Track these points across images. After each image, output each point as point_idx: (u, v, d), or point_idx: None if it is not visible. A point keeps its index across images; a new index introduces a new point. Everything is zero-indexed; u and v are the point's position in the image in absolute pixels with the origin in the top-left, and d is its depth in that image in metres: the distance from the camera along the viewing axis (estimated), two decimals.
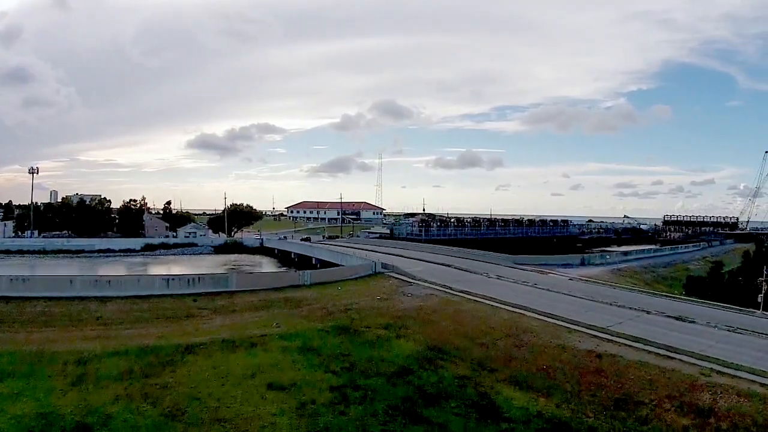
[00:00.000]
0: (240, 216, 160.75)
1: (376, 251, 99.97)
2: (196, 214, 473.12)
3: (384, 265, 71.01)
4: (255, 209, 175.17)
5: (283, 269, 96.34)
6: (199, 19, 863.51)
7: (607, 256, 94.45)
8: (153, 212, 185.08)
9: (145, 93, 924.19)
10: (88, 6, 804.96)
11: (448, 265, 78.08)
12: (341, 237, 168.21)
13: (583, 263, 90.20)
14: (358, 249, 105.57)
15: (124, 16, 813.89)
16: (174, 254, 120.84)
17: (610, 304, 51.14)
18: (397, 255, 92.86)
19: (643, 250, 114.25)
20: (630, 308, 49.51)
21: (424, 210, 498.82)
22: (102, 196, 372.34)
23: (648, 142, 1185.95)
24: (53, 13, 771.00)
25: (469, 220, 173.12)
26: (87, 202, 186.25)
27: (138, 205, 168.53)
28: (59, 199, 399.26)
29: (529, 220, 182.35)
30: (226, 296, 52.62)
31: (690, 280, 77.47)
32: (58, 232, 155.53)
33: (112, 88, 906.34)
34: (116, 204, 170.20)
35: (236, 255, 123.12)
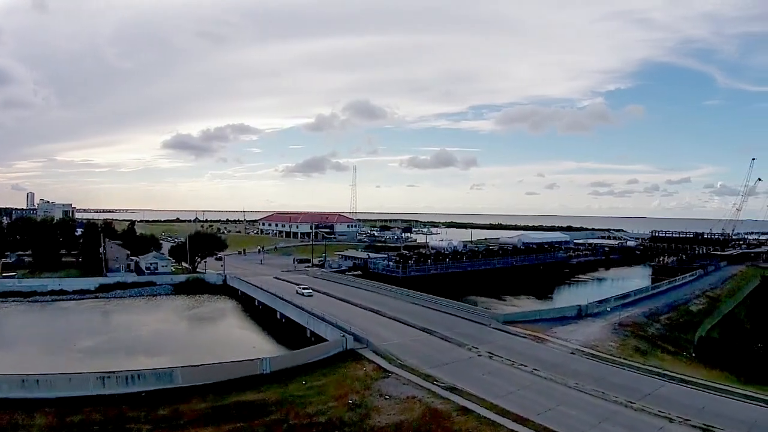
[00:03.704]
0: (204, 243, 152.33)
1: (349, 303, 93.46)
2: (168, 220, 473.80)
3: (357, 338, 64.16)
4: (221, 237, 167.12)
5: (239, 357, 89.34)
6: (174, 22, 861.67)
7: (607, 307, 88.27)
8: (118, 232, 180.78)
9: (122, 94, 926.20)
10: (65, 8, 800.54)
11: (431, 332, 71.11)
12: (311, 265, 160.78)
13: (580, 314, 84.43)
14: (329, 297, 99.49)
15: (101, 18, 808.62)
16: (131, 295, 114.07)
17: (626, 406, 44.80)
18: (372, 310, 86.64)
19: (640, 290, 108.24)
20: (649, 413, 43.37)
21: (400, 221, 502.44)
22: (72, 206, 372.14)
23: (623, 141, 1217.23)
24: (31, 15, 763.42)
25: (448, 250, 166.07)
26: (50, 221, 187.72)
27: (100, 228, 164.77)
28: (36, 203, 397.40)
29: (514, 247, 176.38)
30: (170, 403, 45.53)
31: (701, 342, 71.46)
32: (20, 253, 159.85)
33: (89, 90, 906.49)
34: (91, 205, 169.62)
35: (197, 297, 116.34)
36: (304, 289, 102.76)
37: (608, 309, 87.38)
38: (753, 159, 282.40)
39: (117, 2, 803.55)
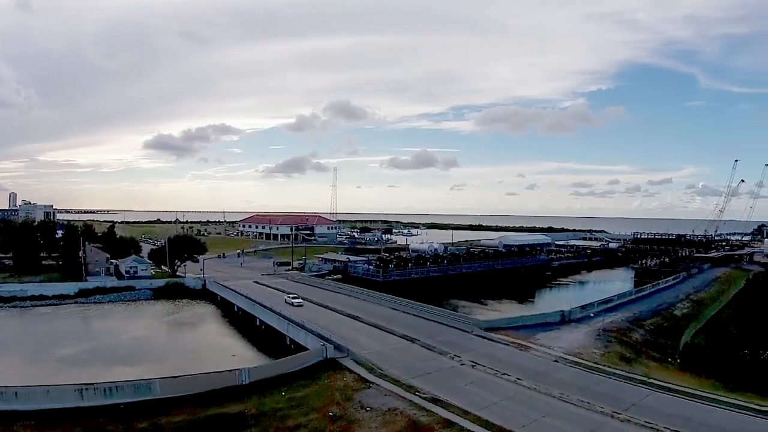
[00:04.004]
0: (183, 247, 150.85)
1: (329, 308, 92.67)
2: (149, 221, 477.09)
3: (337, 347, 63.57)
4: (200, 240, 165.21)
5: (218, 368, 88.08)
6: (157, 22, 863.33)
7: (590, 312, 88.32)
8: (98, 234, 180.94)
9: (104, 94, 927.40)
10: (49, 8, 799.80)
11: (412, 340, 70.62)
12: (291, 269, 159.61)
13: (563, 320, 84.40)
14: (309, 302, 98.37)
15: (85, 18, 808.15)
16: (110, 300, 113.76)
17: (612, 417, 44.59)
18: (352, 316, 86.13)
19: (623, 294, 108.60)
20: (636, 423, 43.35)
21: (381, 222, 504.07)
22: (52, 207, 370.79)
23: (605, 141, 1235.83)
24: (16, 15, 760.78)
25: (429, 253, 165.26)
26: (31, 222, 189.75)
27: (80, 230, 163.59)
28: (18, 203, 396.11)
29: (495, 250, 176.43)
30: (149, 415, 44.99)
31: (687, 348, 71.65)
32: (1, 255, 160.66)
33: (72, 89, 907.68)
34: (73, 205, 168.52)
35: (176, 302, 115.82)
36: (293, 298, 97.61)
37: (591, 314, 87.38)
38: (736, 160, 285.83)
39: (101, 2, 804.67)
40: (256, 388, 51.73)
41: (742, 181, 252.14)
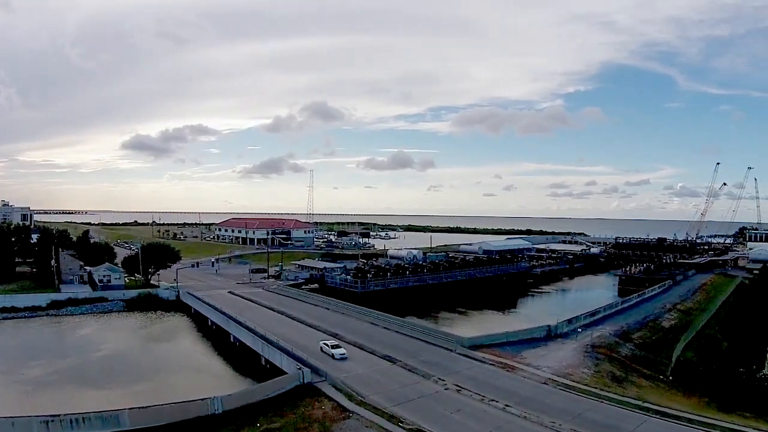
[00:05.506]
0: (157, 255, 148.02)
1: (305, 324, 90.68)
2: (126, 223, 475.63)
3: (315, 370, 61.54)
4: (174, 248, 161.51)
5: (189, 399, 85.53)
6: (135, 22, 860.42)
7: (577, 327, 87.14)
8: (72, 239, 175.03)
9: (83, 94, 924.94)
10: (29, 7, 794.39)
11: (393, 360, 68.69)
12: (267, 276, 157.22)
13: (550, 335, 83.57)
14: (286, 317, 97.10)
15: (64, 17, 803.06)
16: (82, 312, 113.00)
17: None
18: (331, 333, 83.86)
19: (610, 305, 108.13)
20: None
21: (358, 224, 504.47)
22: (29, 209, 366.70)
23: (583, 142, 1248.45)
24: None
25: (407, 260, 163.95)
26: (6, 227, 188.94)
27: (54, 236, 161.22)
28: None
29: (476, 257, 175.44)
30: None
31: (678, 365, 70.80)
32: None
33: (51, 89, 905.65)
34: (53, 206, 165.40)
35: (149, 315, 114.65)
36: (333, 347, 71.87)
37: (579, 329, 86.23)
38: (718, 163, 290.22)
39: (81, 2, 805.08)
40: (230, 418, 49.68)
41: (725, 184, 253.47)
